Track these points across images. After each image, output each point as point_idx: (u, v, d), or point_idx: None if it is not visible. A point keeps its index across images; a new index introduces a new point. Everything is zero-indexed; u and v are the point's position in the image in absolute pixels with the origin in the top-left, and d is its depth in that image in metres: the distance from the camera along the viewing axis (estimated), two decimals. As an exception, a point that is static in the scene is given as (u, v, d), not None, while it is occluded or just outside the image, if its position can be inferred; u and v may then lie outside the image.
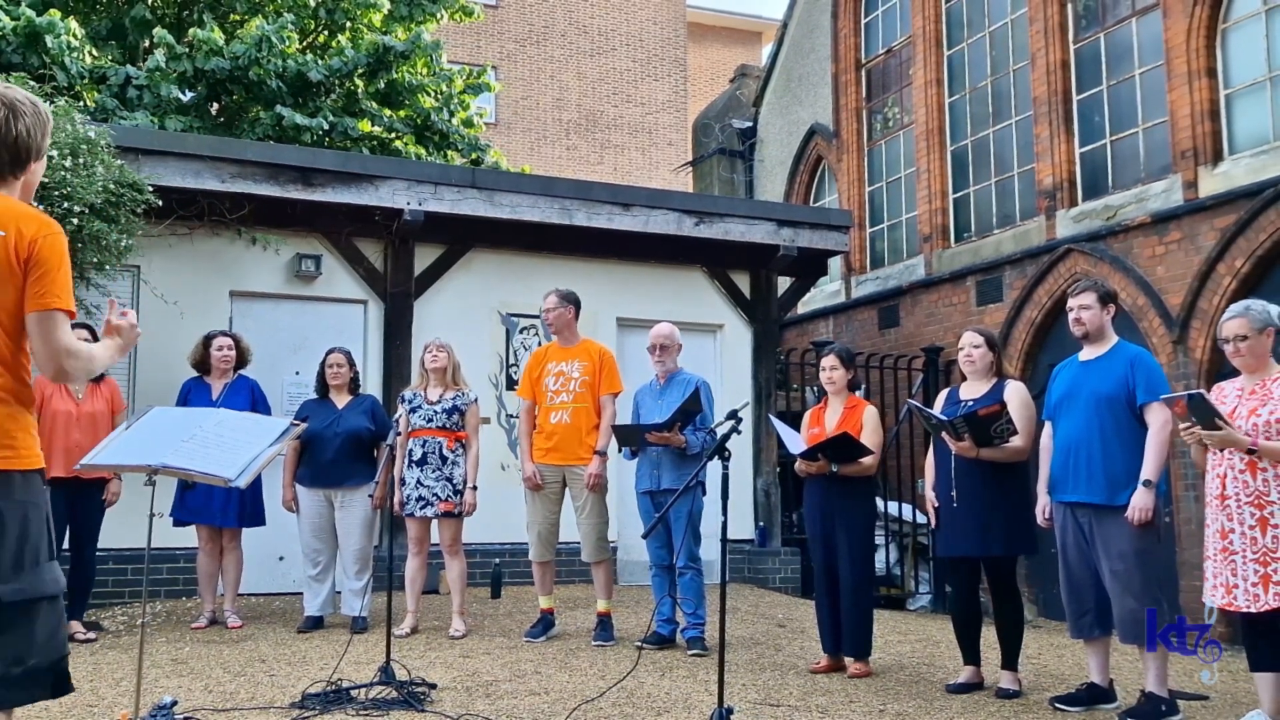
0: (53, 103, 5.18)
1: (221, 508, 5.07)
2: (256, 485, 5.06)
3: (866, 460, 4.24)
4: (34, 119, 2.03)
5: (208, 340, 5.27)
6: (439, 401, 5.00)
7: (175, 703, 3.37)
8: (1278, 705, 3.28)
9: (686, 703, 3.63)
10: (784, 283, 8.25)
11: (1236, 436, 3.21)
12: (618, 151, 18.57)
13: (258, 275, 6.54)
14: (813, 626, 5.19)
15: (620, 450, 4.95)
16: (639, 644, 4.55)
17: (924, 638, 5.38)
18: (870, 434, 4.30)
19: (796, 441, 4.34)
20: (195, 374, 5.30)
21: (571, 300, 5.03)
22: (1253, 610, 3.19)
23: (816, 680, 4.14)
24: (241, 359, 5.32)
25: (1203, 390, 3.37)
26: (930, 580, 8.03)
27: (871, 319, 9.70)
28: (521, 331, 7.19)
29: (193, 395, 5.15)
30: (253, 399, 5.18)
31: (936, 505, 4.14)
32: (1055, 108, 8.10)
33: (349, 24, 9.90)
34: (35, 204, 4.53)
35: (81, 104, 7.42)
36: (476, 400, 5.14)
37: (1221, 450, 3.28)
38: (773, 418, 4.81)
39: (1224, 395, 3.43)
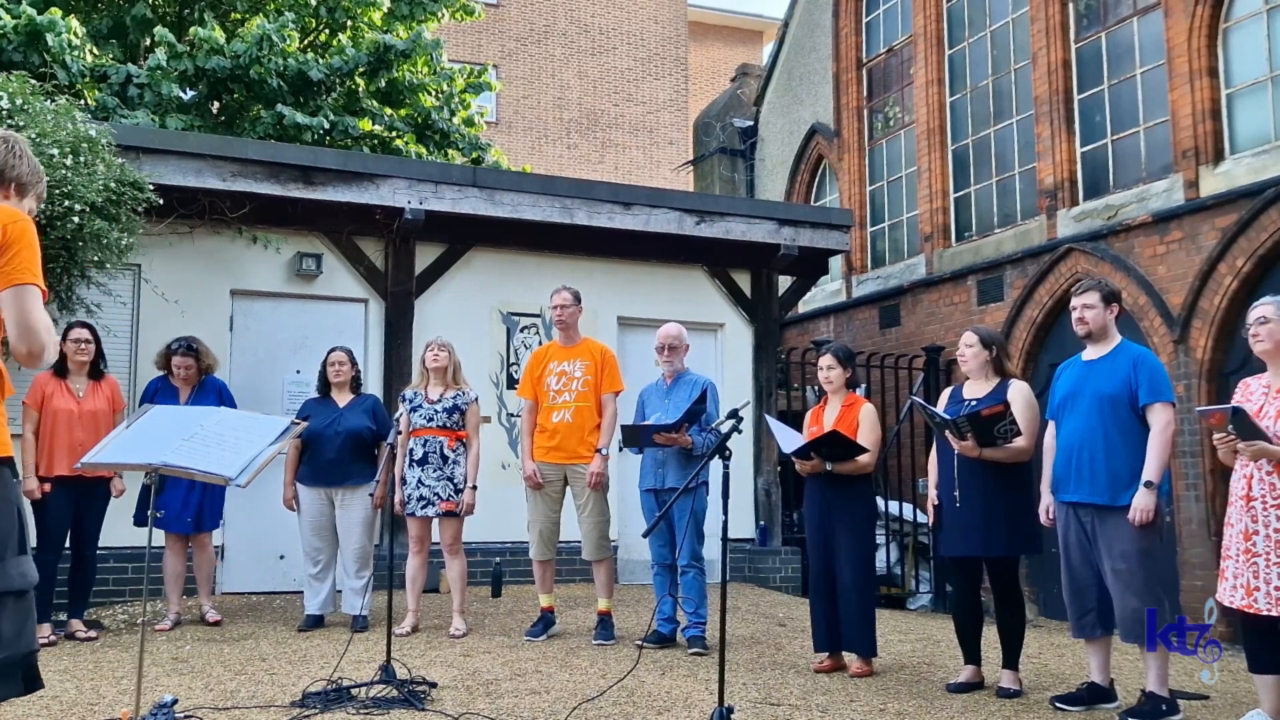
0: (53, 101, 5.18)
1: (177, 514, 5.04)
2: (216, 489, 5.03)
3: (862, 459, 4.23)
4: (27, 159, 2.14)
5: (170, 351, 5.20)
6: (440, 400, 5.00)
7: (176, 701, 3.37)
8: (1277, 705, 3.29)
9: (687, 702, 3.63)
10: (785, 282, 8.25)
11: (1272, 449, 3.20)
12: (619, 150, 18.56)
13: (259, 274, 6.54)
14: (813, 625, 5.19)
15: (621, 448, 4.94)
16: (639, 643, 4.55)
17: (924, 637, 5.37)
18: (867, 432, 4.29)
19: (790, 440, 4.33)
20: (161, 372, 5.27)
21: (580, 299, 5.07)
22: (1274, 614, 3.18)
23: (817, 679, 4.14)
24: (207, 370, 5.26)
25: (1243, 405, 3.35)
26: (930, 579, 8.02)
27: (872, 318, 9.70)
28: (522, 330, 7.19)
29: (159, 396, 5.09)
30: (220, 400, 5.15)
31: (938, 504, 4.14)
32: (1056, 107, 8.10)
33: (349, 23, 9.89)
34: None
35: (82, 102, 7.43)
36: (477, 399, 5.14)
37: (1255, 460, 3.27)
38: (769, 416, 4.82)
39: (1250, 393, 3.41)
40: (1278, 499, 3.22)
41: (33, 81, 5.19)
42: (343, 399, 5.23)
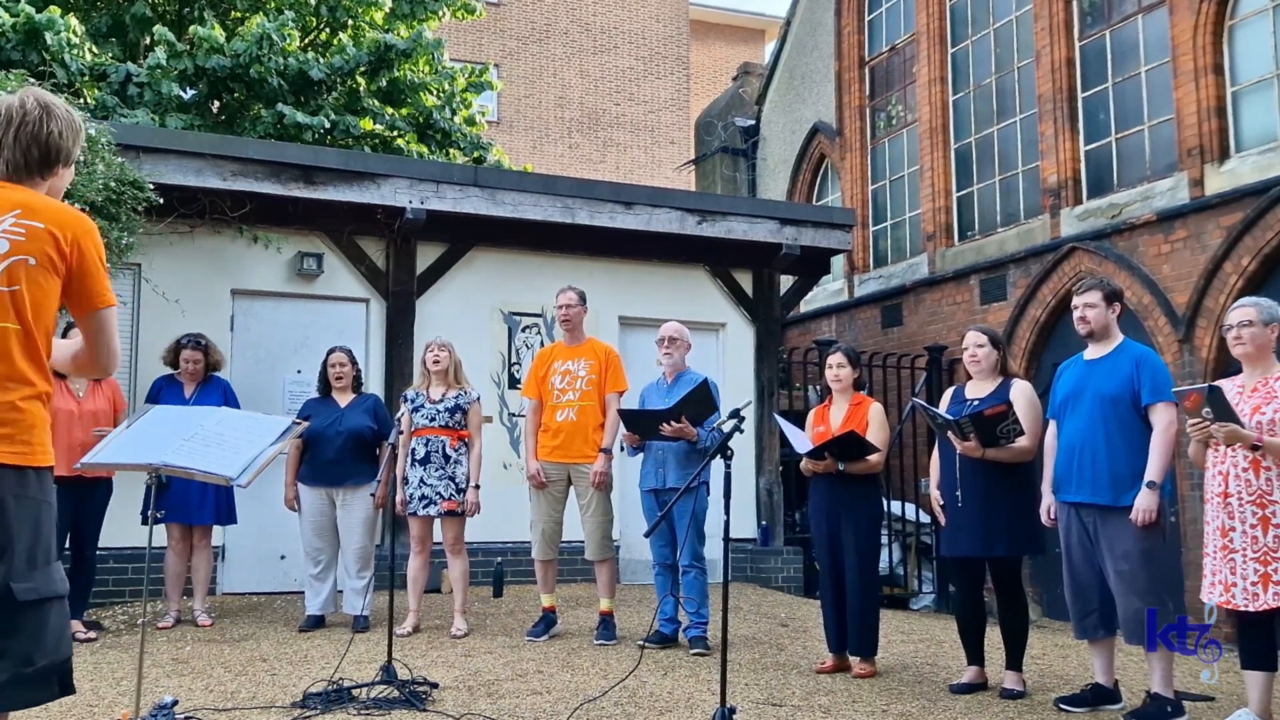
0: (53, 100, 5.15)
1: (197, 505, 5.08)
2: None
3: (873, 458, 4.22)
4: (67, 124, 2.06)
5: (179, 346, 5.26)
6: (441, 400, 4.99)
7: (176, 702, 3.35)
8: (1265, 704, 3.29)
9: (689, 702, 3.62)
10: (786, 281, 8.23)
11: (1244, 432, 3.21)
12: (620, 150, 18.54)
13: (259, 273, 6.53)
14: (815, 626, 5.18)
15: (623, 448, 4.93)
16: (641, 643, 4.53)
17: (927, 638, 5.35)
18: (876, 431, 4.28)
19: (802, 440, 4.32)
20: (167, 370, 5.30)
21: (585, 299, 5.07)
22: (1251, 609, 3.19)
23: (819, 680, 4.13)
24: (214, 366, 5.31)
25: (1219, 384, 3.35)
26: (933, 580, 8.00)
27: (874, 318, 9.67)
28: (524, 330, 7.17)
29: (164, 394, 5.12)
30: (225, 400, 5.16)
31: (941, 505, 4.12)
32: (1060, 105, 8.07)
33: (350, 22, 9.87)
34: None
35: (82, 101, 7.41)
36: (479, 399, 5.13)
37: (1228, 446, 3.26)
38: (778, 416, 4.79)
39: (1225, 393, 3.41)
40: (1253, 495, 3.23)
41: (31, 80, 5.18)
42: (344, 399, 5.22)
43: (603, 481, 4.85)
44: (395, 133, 9.63)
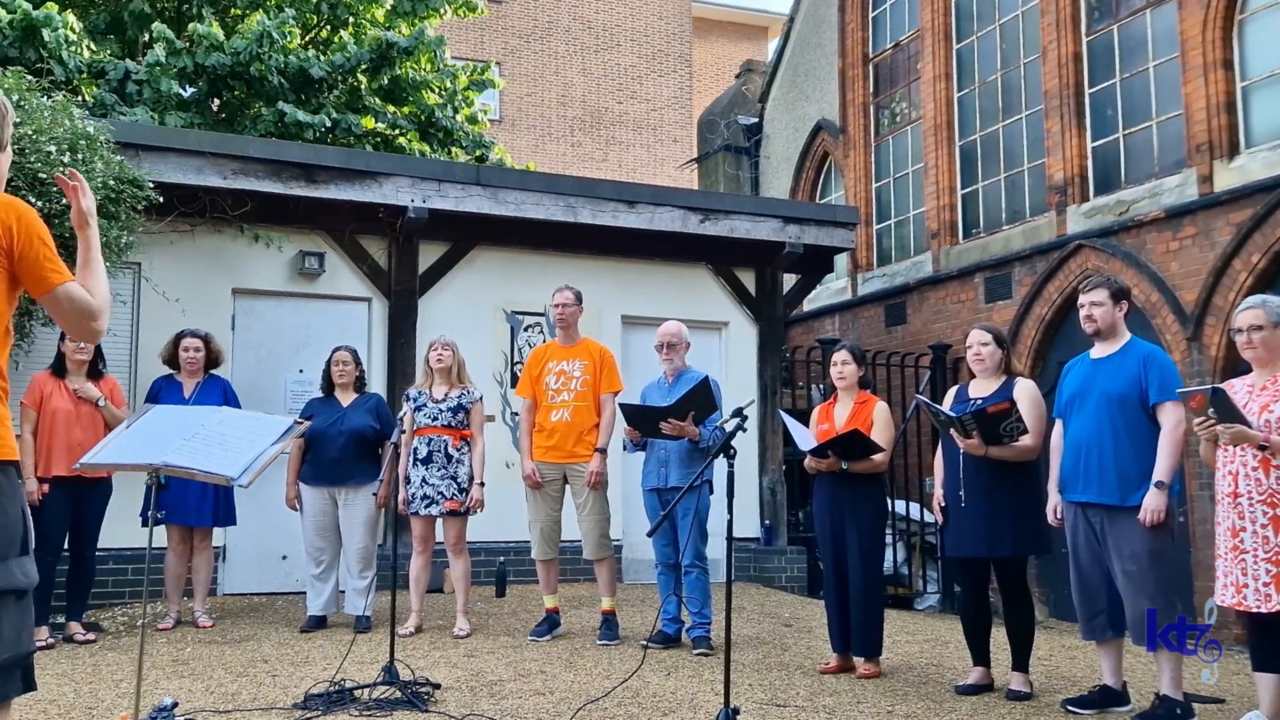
0: (50, 97, 5.13)
1: (196, 507, 5.05)
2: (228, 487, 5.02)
3: (877, 457, 4.19)
4: None
5: (179, 339, 5.23)
6: (444, 399, 4.97)
7: (176, 704, 3.33)
8: (1276, 706, 3.25)
9: (692, 702, 3.59)
10: (789, 280, 8.19)
11: (1250, 432, 3.17)
12: (622, 148, 18.50)
13: (260, 273, 6.50)
14: (819, 626, 5.15)
15: (625, 445, 4.90)
16: (644, 643, 4.51)
17: (932, 638, 5.31)
18: (881, 430, 4.24)
19: (806, 438, 4.29)
20: (166, 371, 5.27)
21: (582, 299, 5.05)
22: (1263, 610, 3.16)
23: (823, 680, 4.09)
24: (214, 360, 5.28)
25: (1222, 385, 3.32)
26: (938, 580, 7.96)
27: (878, 316, 9.63)
28: (526, 329, 7.14)
29: (164, 394, 5.08)
30: (225, 399, 5.12)
31: (944, 504, 4.08)
32: (1067, 101, 8.01)
33: (351, 19, 9.83)
34: (32, 200, 4.46)
35: (80, 99, 7.38)
36: (481, 398, 5.11)
37: (1235, 446, 3.23)
38: (783, 413, 4.76)
39: (1234, 391, 3.39)
40: (1264, 495, 3.19)
41: (29, 77, 5.15)
42: (346, 398, 5.19)
43: (598, 481, 4.83)
44: (397, 131, 9.60)
